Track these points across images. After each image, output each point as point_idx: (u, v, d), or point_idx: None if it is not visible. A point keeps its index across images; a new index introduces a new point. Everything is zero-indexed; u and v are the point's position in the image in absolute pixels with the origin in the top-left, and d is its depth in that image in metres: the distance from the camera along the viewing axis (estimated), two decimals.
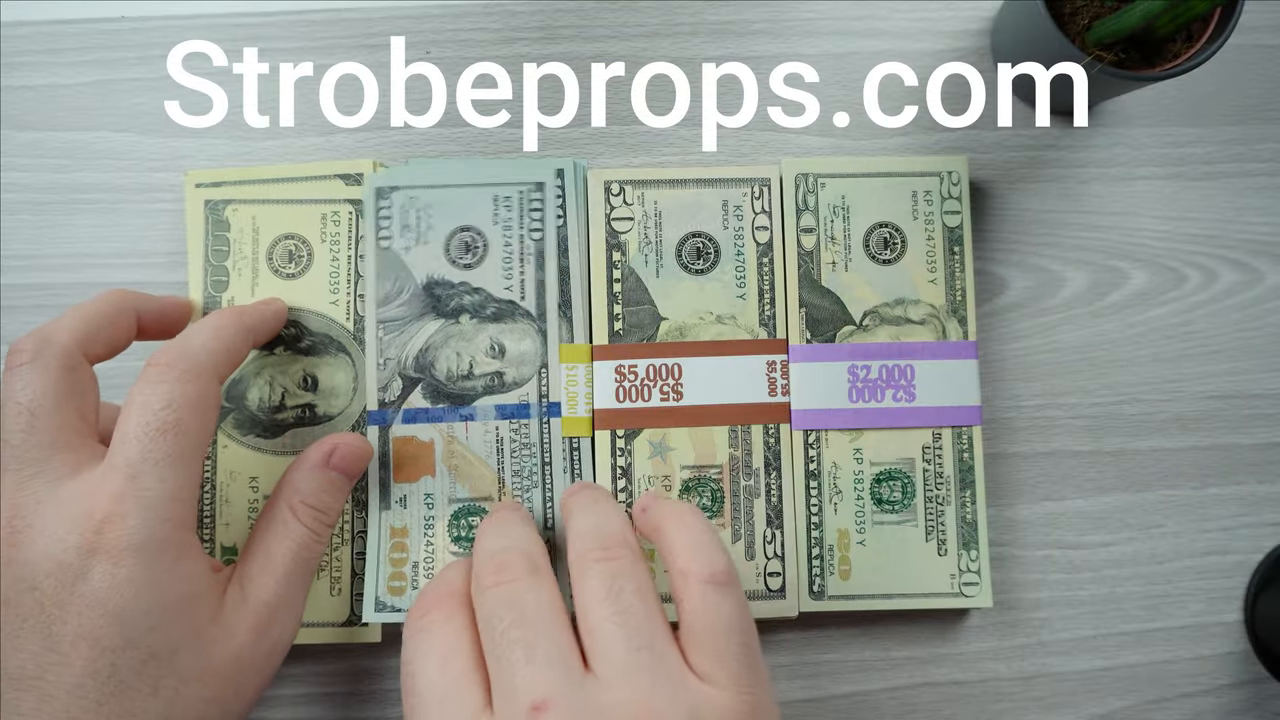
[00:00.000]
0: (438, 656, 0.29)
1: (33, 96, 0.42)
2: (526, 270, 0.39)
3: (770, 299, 0.40)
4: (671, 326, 0.39)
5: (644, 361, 0.39)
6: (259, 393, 0.39)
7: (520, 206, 0.39)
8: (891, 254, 0.40)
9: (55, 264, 0.41)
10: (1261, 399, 0.42)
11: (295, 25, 0.42)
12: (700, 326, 0.39)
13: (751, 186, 0.40)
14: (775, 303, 0.40)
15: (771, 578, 0.38)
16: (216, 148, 0.42)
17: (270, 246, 0.40)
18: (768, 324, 0.39)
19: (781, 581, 0.38)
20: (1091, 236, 0.42)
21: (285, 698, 0.40)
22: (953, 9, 0.43)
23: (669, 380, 0.39)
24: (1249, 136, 0.43)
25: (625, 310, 0.39)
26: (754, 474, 0.39)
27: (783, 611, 0.38)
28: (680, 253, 0.40)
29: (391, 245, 0.39)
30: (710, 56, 0.43)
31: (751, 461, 0.39)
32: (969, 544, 0.39)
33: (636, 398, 0.39)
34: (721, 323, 0.39)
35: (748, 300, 0.39)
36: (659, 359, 0.39)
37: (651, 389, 0.39)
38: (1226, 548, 0.41)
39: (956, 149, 0.42)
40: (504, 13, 0.43)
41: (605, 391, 0.39)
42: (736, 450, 0.39)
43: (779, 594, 0.38)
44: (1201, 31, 0.37)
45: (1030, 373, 0.42)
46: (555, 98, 0.42)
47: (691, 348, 0.39)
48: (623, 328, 0.39)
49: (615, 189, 0.40)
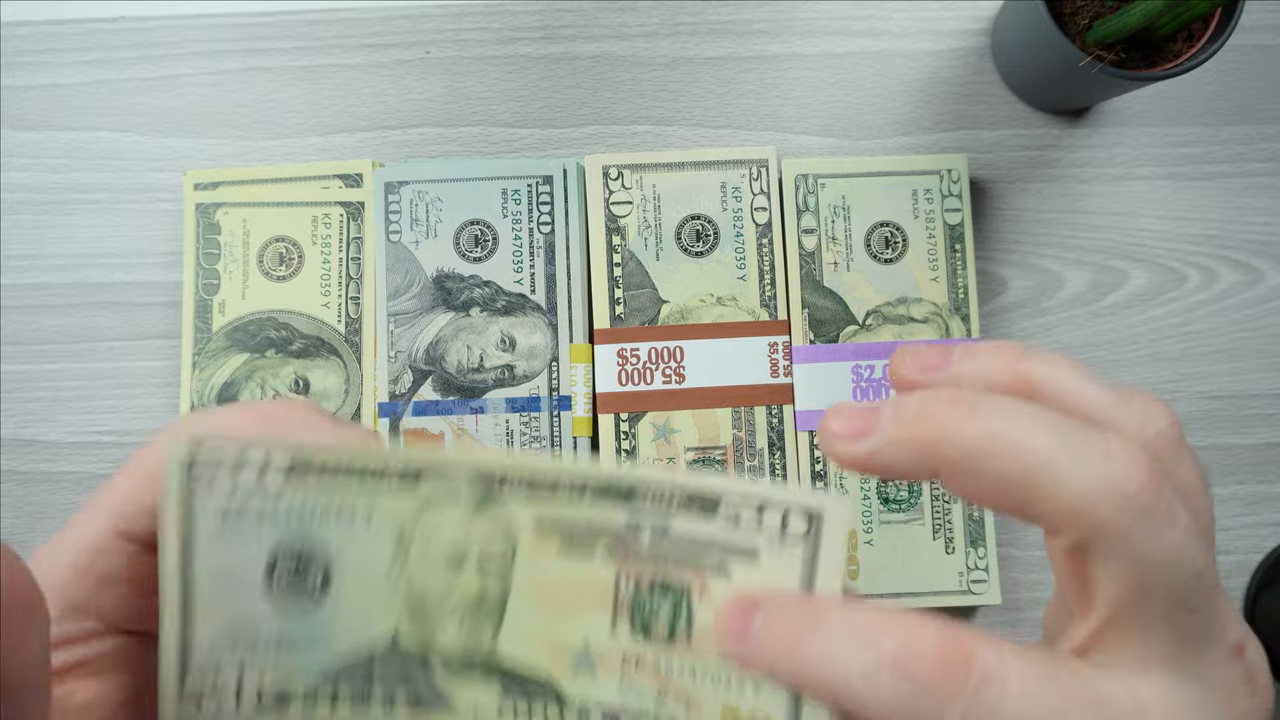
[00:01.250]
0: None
1: (33, 96, 0.42)
2: (536, 264, 0.39)
3: (770, 279, 0.40)
4: (673, 309, 0.39)
5: (645, 345, 0.39)
6: (251, 397, 0.39)
7: (529, 200, 0.39)
8: (893, 253, 0.40)
9: (55, 264, 0.41)
10: (1261, 399, 0.42)
11: (295, 25, 0.42)
12: (701, 309, 0.39)
13: (749, 168, 0.40)
14: (775, 283, 0.40)
15: None
16: (216, 148, 0.42)
17: (261, 249, 0.40)
18: (769, 304, 0.39)
19: None
20: (1092, 236, 0.42)
21: None
22: (953, 9, 0.43)
23: (671, 363, 0.39)
24: (1249, 136, 0.43)
25: (626, 294, 0.39)
26: (758, 454, 0.39)
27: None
28: (680, 235, 0.40)
29: (401, 239, 0.39)
30: (710, 56, 0.43)
31: (756, 442, 0.39)
32: (976, 542, 0.39)
33: (639, 381, 0.39)
34: (722, 304, 0.39)
35: (748, 281, 0.40)
36: (660, 342, 0.39)
37: (653, 372, 0.39)
38: (1226, 548, 0.41)
39: (956, 149, 0.42)
40: (504, 13, 0.43)
41: (607, 375, 0.39)
42: (740, 431, 0.39)
43: None
44: (1202, 31, 0.37)
45: None
46: (555, 97, 0.42)
47: (693, 330, 0.39)
48: (624, 311, 0.39)
49: (614, 173, 0.40)
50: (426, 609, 0.23)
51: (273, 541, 0.22)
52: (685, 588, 0.22)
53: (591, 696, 0.23)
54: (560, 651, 0.23)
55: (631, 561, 0.22)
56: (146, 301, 0.41)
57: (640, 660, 0.22)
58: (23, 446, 0.41)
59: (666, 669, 0.22)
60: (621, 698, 0.22)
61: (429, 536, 0.22)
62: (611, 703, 0.22)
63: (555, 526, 0.22)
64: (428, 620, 0.23)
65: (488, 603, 0.23)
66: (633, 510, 0.22)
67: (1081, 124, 0.43)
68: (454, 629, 0.23)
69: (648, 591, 0.22)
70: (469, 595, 0.23)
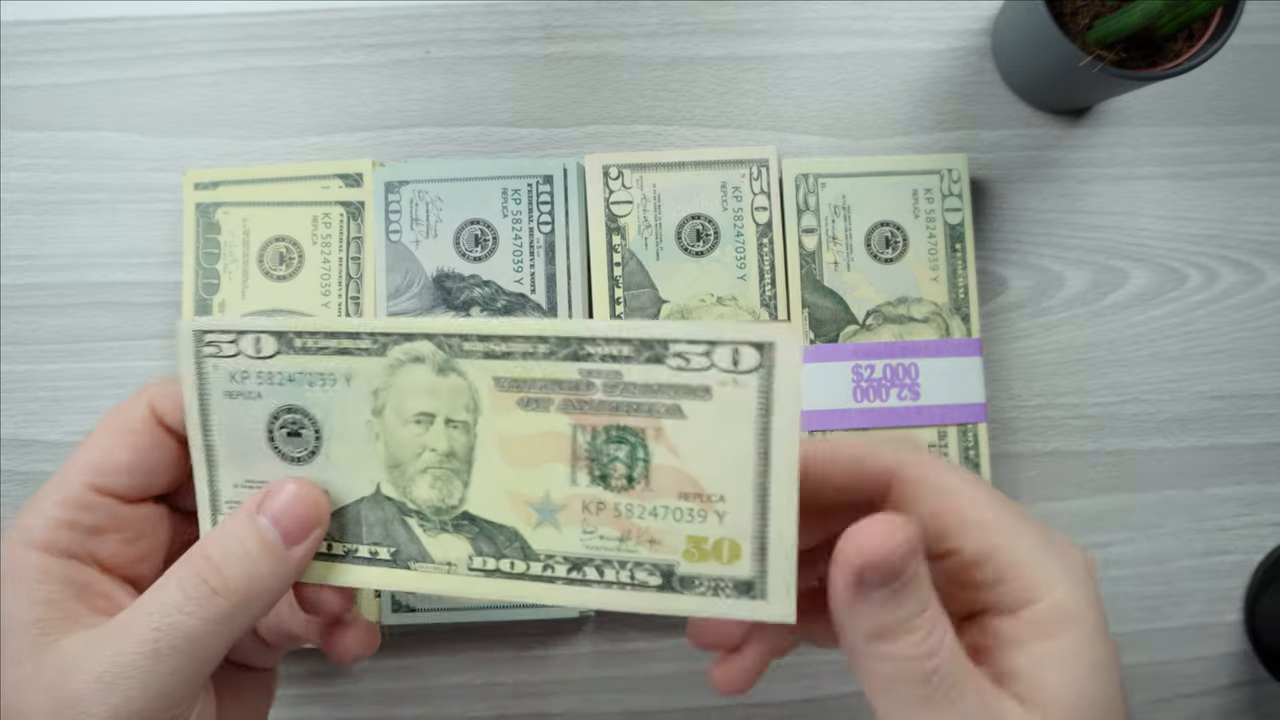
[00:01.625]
0: None
1: (33, 96, 0.42)
2: (536, 263, 0.39)
3: (771, 279, 0.40)
4: (673, 309, 0.39)
5: None
6: None
7: (529, 200, 0.39)
8: (893, 253, 0.40)
9: (55, 264, 0.41)
10: (1262, 399, 0.42)
11: (295, 25, 0.42)
12: (702, 309, 0.39)
13: (750, 168, 0.40)
14: (776, 283, 0.40)
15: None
16: (216, 147, 0.42)
17: (261, 249, 0.39)
18: (769, 304, 0.39)
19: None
20: (1092, 236, 0.42)
21: (284, 697, 0.39)
22: (953, 9, 0.43)
23: None
24: (1250, 136, 0.43)
25: (626, 294, 0.39)
26: None
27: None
28: (680, 235, 0.40)
29: (401, 238, 0.39)
30: (710, 56, 0.43)
31: None
32: None
33: None
34: (723, 304, 0.39)
35: (748, 281, 0.39)
36: None
37: None
38: (1226, 548, 0.41)
39: (957, 148, 0.42)
40: (504, 12, 0.43)
41: None
42: None
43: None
44: (1202, 31, 0.37)
45: (1031, 373, 0.42)
46: (555, 97, 0.42)
47: None
48: (624, 311, 0.39)
49: (614, 173, 0.40)
50: (403, 465, 0.25)
51: (272, 403, 0.25)
52: (640, 432, 0.23)
53: (555, 547, 0.24)
54: (524, 504, 0.24)
55: (587, 413, 0.23)
56: (146, 301, 0.41)
57: (601, 506, 0.23)
58: (23, 446, 0.41)
59: (627, 512, 0.23)
60: (584, 545, 0.23)
61: (400, 396, 0.24)
62: (574, 551, 0.24)
63: (513, 384, 0.24)
64: (404, 476, 0.25)
65: (456, 459, 0.24)
66: (584, 362, 0.23)
67: (1082, 124, 0.43)
68: (427, 485, 0.24)
69: (604, 440, 0.23)
70: (439, 452, 0.24)
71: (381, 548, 0.25)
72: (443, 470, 0.24)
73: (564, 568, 0.24)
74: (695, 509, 0.23)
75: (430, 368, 0.24)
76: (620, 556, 0.23)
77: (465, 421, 0.24)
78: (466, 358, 0.24)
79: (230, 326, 0.25)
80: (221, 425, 0.25)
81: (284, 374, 0.25)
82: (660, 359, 0.23)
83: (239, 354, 0.25)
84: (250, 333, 0.25)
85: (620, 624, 0.40)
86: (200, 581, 0.23)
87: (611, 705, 0.40)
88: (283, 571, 0.24)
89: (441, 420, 0.24)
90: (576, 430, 0.23)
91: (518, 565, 0.24)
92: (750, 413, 0.22)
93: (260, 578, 0.23)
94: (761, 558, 0.22)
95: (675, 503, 0.23)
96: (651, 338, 0.23)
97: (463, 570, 0.24)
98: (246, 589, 0.23)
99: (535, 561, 0.24)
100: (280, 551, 0.23)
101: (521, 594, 0.24)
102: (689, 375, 0.23)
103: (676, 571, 0.23)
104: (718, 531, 0.23)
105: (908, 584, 0.21)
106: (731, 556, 0.23)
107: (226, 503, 0.25)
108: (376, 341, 0.24)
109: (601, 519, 0.23)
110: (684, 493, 0.23)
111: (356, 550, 0.25)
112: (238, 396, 0.25)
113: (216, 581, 0.23)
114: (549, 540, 0.24)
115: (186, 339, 0.25)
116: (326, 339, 0.24)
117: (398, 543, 0.25)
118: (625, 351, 0.23)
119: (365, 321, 0.24)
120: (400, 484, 0.25)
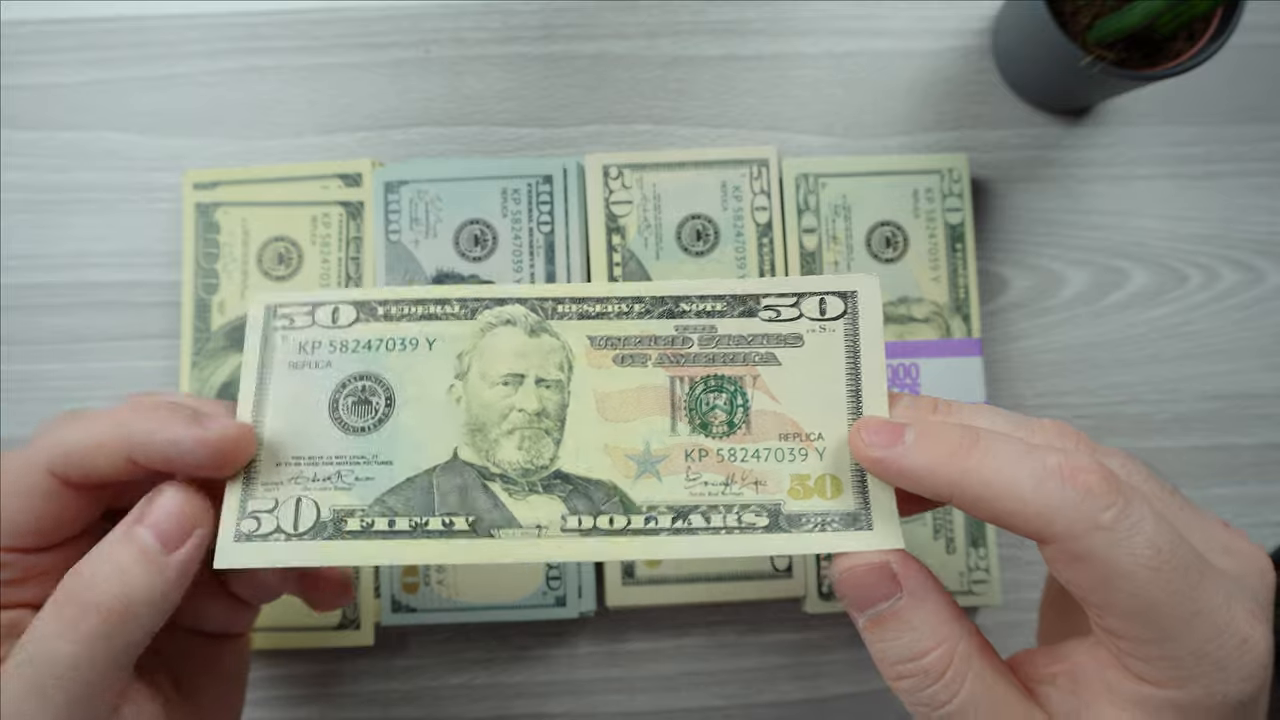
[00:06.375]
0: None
1: (33, 96, 0.42)
2: (536, 263, 0.39)
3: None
4: None
5: None
6: None
7: (529, 200, 0.39)
8: (894, 252, 0.40)
9: (54, 264, 0.41)
10: (1262, 399, 0.42)
11: (295, 25, 0.42)
12: None
13: (750, 167, 0.40)
14: None
15: (778, 558, 0.38)
16: (215, 147, 0.42)
17: (260, 249, 0.39)
18: None
19: (788, 562, 0.38)
20: (1093, 236, 0.42)
21: (283, 698, 0.39)
22: (953, 9, 0.43)
23: None
24: (1250, 136, 0.43)
25: None
26: None
27: (792, 591, 0.38)
28: (680, 235, 0.40)
29: (401, 238, 0.39)
30: (710, 56, 0.43)
31: None
32: (977, 542, 0.39)
33: None
34: None
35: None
36: None
37: None
38: None
39: (957, 148, 0.42)
40: (504, 12, 0.43)
41: None
42: None
43: (786, 574, 0.38)
44: (1203, 31, 0.37)
45: (1032, 373, 0.42)
46: (555, 97, 0.42)
47: None
48: None
49: (614, 172, 0.40)
50: (486, 428, 0.25)
51: (343, 370, 0.25)
52: (738, 380, 0.25)
53: (656, 497, 0.24)
54: (622, 458, 0.25)
55: (684, 365, 0.25)
56: (146, 301, 0.41)
57: (704, 453, 0.24)
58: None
59: (730, 456, 0.24)
60: (688, 493, 0.24)
61: (488, 358, 0.25)
62: (678, 500, 0.24)
63: (609, 341, 0.25)
64: (487, 439, 0.25)
65: (548, 417, 0.25)
66: (680, 319, 0.25)
67: (1082, 124, 0.43)
68: (514, 447, 0.25)
69: (702, 390, 0.25)
70: (529, 411, 0.25)
71: (458, 517, 0.24)
72: (532, 430, 0.25)
73: (668, 517, 0.24)
74: (797, 448, 0.24)
75: (522, 330, 0.25)
76: (726, 500, 0.24)
77: (559, 380, 0.25)
78: (560, 319, 0.25)
79: (307, 299, 0.25)
80: (279, 402, 0.25)
81: (360, 340, 0.25)
82: (753, 312, 0.25)
83: (313, 325, 0.25)
84: (327, 304, 0.25)
85: (620, 624, 0.40)
86: (70, 601, 0.22)
87: (611, 705, 0.40)
88: (162, 580, 0.23)
89: (532, 380, 0.25)
90: (675, 382, 0.25)
91: (617, 520, 0.24)
92: (840, 355, 0.24)
93: (136, 588, 0.22)
94: (863, 490, 0.24)
95: (777, 444, 0.24)
96: (745, 293, 0.25)
97: (554, 532, 0.24)
98: (122, 602, 0.22)
99: (637, 514, 0.24)
100: (158, 559, 0.23)
101: (622, 551, 0.24)
102: (781, 325, 0.25)
103: (783, 510, 0.24)
104: (819, 468, 0.24)
105: (886, 619, 0.21)
106: (835, 491, 0.24)
107: (261, 485, 0.24)
108: (466, 306, 0.25)
109: (705, 465, 0.24)
110: (784, 433, 0.24)
111: (427, 524, 0.24)
112: (304, 367, 0.25)
113: (88, 597, 0.22)
114: (650, 491, 0.24)
115: (258, 312, 0.25)
116: (413, 305, 0.25)
117: (477, 510, 0.24)
118: (719, 307, 0.25)
119: (456, 289, 0.25)
120: (483, 447, 0.25)
